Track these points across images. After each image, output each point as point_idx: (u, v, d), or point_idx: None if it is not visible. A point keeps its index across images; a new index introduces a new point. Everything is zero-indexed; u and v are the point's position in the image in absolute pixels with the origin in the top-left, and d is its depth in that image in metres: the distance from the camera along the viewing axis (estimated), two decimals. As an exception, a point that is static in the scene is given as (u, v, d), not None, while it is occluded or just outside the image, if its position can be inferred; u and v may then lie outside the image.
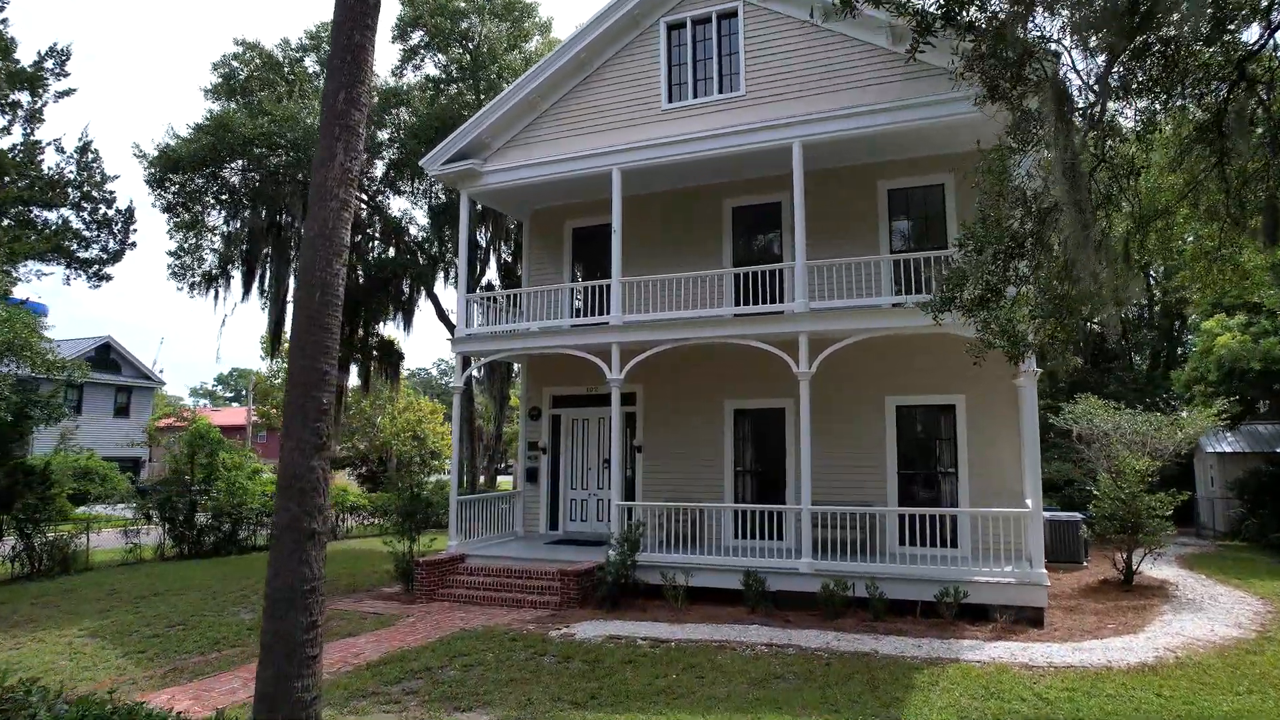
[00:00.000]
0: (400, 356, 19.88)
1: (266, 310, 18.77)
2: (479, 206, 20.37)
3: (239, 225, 17.88)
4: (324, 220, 5.03)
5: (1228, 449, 19.99)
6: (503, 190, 14.30)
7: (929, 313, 6.96)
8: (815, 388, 12.95)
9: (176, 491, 18.00)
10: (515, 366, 17.39)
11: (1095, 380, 24.13)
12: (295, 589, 4.83)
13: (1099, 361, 27.07)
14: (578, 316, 13.40)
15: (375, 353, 18.81)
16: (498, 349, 13.44)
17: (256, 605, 11.85)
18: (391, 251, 18.48)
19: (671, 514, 12.44)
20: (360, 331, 18.74)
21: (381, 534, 13.24)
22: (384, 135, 18.86)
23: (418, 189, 19.06)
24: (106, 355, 38.21)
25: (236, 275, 18.49)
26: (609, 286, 12.88)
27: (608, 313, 12.76)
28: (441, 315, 20.25)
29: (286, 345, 18.91)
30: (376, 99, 17.98)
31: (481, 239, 20.04)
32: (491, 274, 20.72)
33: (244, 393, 43.61)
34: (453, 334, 13.79)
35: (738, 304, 12.67)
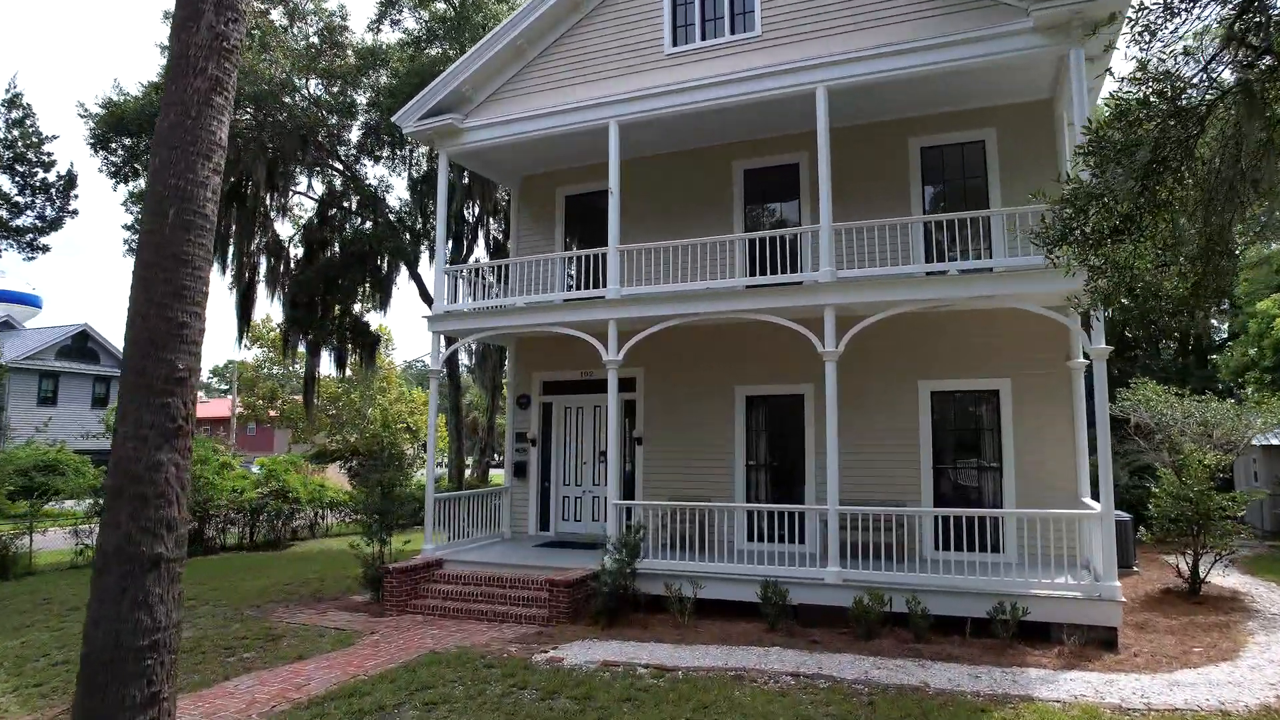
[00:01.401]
0: (376, 339, 18.25)
1: (234, 290, 17.24)
2: (465, 177, 18.82)
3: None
4: (183, 105, 3.53)
5: (1275, 441, 18.48)
6: (487, 150, 12.72)
7: (1041, 248, 5.43)
8: (839, 372, 11.45)
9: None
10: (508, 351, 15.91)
11: (1120, 369, 22.59)
12: (125, 646, 3.32)
13: (1123, 350, 25.50)
14: (571, 290, 11.85)
15: (349, 334, 17.26)
16: (480, 328, 11.90)
17: (206, 616, 10.36)
18: (369, 226, 16.95)
19: (675, 515, 10.93)
20: (336, 310, 17.14)
21: (364, 532, 11.79)
22: (361, 99, 17.27)
23: (397, 156, 17.49)
24: (84, 344, 36.69)
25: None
26: (605, 256, 11.34)
27: (604, 286, 11.22)
28: (426, 297, 18.66)
29: (271, 329, 17.32)
30: (351, 56, 16.44)
31: (469, 214, 18.50)
32: (481, 254, 19.19)
33: (254, 385, 42.31)
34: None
35: (751, 274, 11.11)
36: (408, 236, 18.59)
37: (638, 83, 11.31)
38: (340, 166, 17.10)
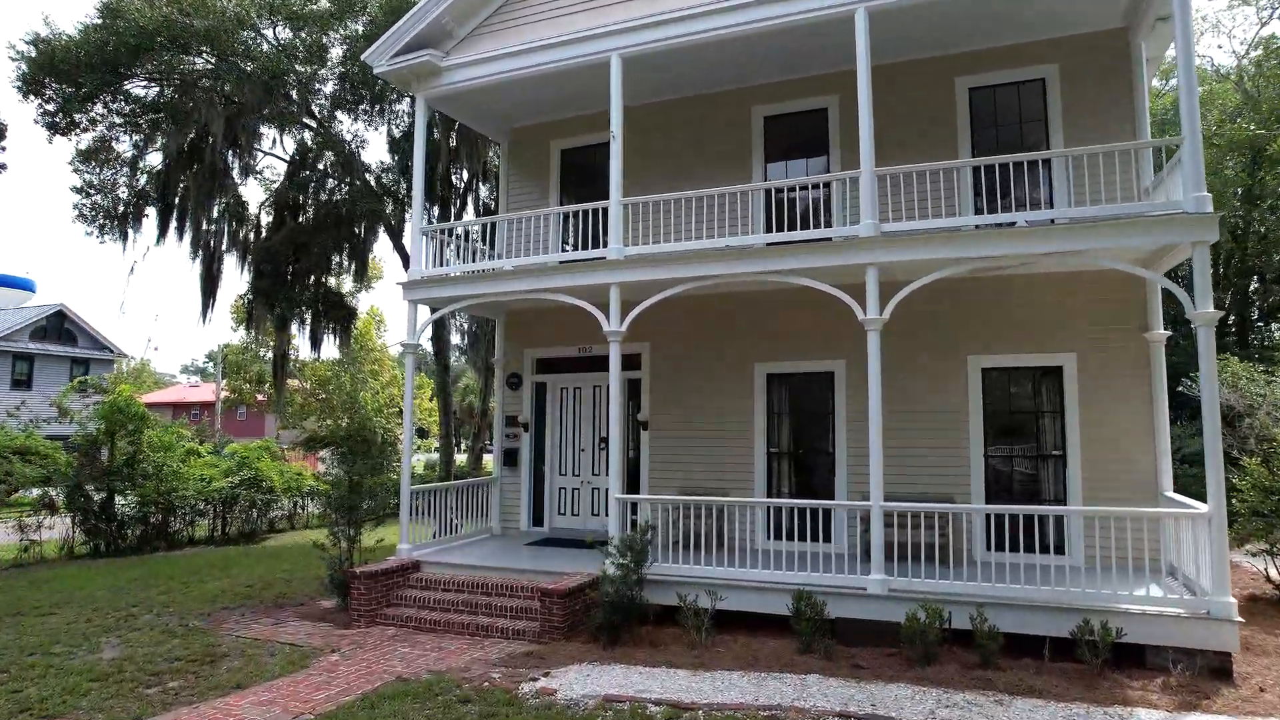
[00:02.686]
0: (351, 312, 16.63)
1: (198, 260, 15.61)
2: (453, 139, 17.18)
3: (160, 151, 14.65)
4: None
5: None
6: (471, 93, 11.10)
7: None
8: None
9: (89, 476, 15.02)
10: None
11: (1186, 341, 20.88)
12: None
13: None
14: (567, 251, 10.28)
15: (320, 307, 15.68)
16: (463, 295, 10.36)
17: (143, 629, 8.90)
18: (346, 191, 15.32)
19: (686, 511, 9.46)
20: (309, 280, 15.50)
21: (329, 530, 10.36)
22: (337, 51, 15.58)
23: (375, 112, 15.82)
24: (60, 324, 35.15)
25: (153, 214, 15.30)
26: (605, 211, 9.79)
27: (604, 246, 9.68)
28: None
29: (238, 305, 15.78)
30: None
31: (458, 179, 16.87)
32: (473, 228, 17.47)
33: (241, 369, 40.75)
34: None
35: (773, 230, 9.54)
36: (390, 205, 17.01)
37: (645, 8, 9.69)
38: (313, 124, 15.45)
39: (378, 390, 39.57)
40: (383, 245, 16.54)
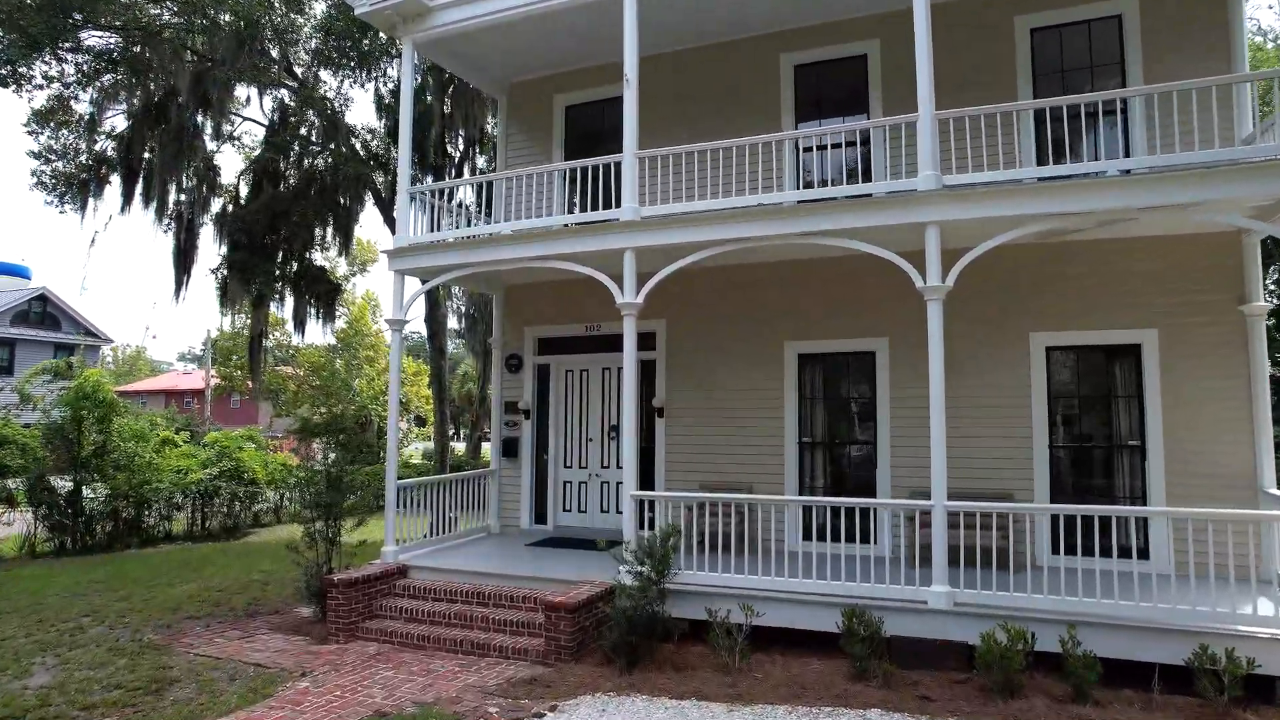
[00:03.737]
0: (335, 288, 15.29)
1: (170, 231, 14.33)
2: (448, 104, 15.86)
3: (124, 112, 13.35)
4: None
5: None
6: (463, 38, 9.84)
7: None
8: (919, 322, 8.85)
9: (54, 468, 13.84)
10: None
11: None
12: None
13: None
14: (573, 212, 9.03)
15: (301, 282, 14.36)
16: (455, 264, 9.13)
17: (90, 646, 7.73)
18: (330, 158, 13.96)
19: (705, 509, 8.27)
20: (289, 252, 14.13)
21: (304, 532, 9.18)
22: (320, 7, 14.25)
23: (362, 74, 14.44)
24: (43, 308, 33.91)
25: (117, 180, 13.97)
26: (618, 166, 8.56)
27: (617, 206, 8.45)
28: None
29: (216, 280, 14.47)
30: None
31: (453, 147, 15.58)
32: (468, 195, 16.19)
33: (232, 355, 39.29)
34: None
35: (807, 186, 8.30)
36: (381, 177, 15.72)
37: (663, -68, 8.41)
38: (294, 83, 14.11)
39: (373, 377, 38.37)
40: (373, 223, 15.17)
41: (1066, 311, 8.61)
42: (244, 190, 14.53)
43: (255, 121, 14.57)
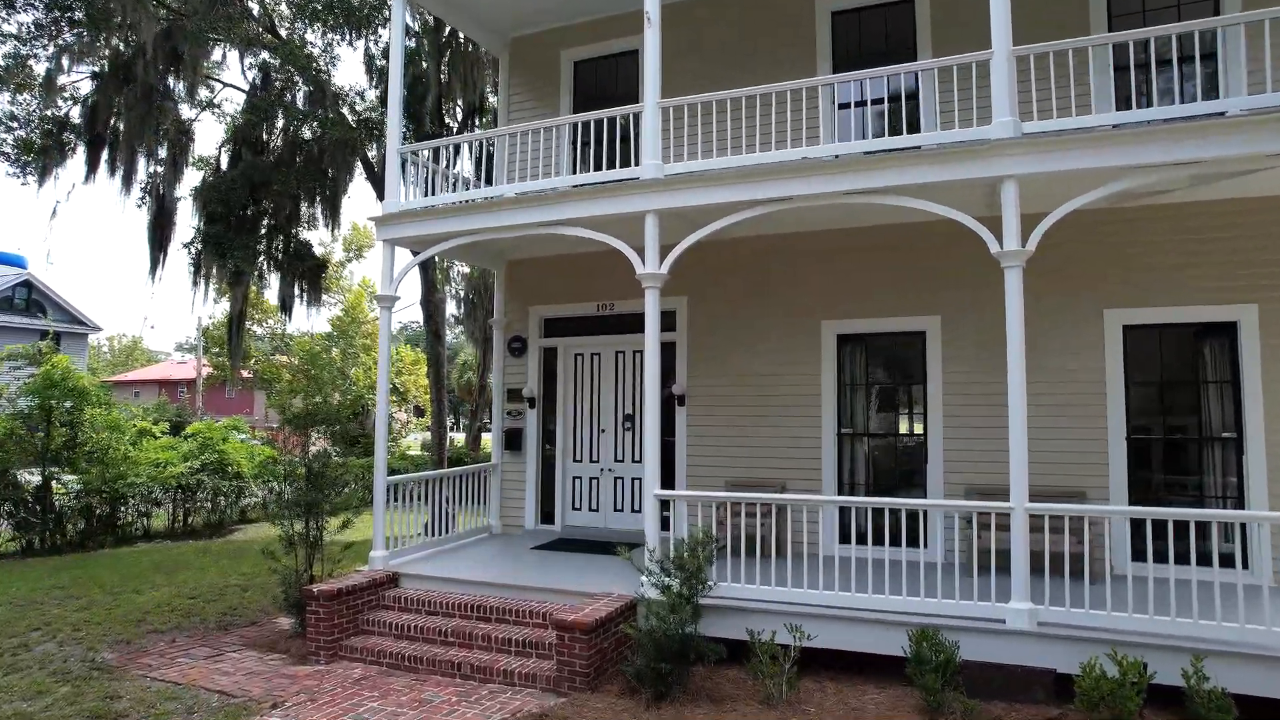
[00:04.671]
0: (320, 265, 14.16)
1: (146, 206, 13.22)
2: (445, 70, 14.73)
3: (90, 74, 12.22)
4: None
5: None
6: (460, -21, 8.76)
7: None
8: (973, 299, 7.89)
9: (19, 461, 12.82)
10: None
11: None
12: None
13: None
14: (583, 171, 7.94)
15: (281, 258, 13.24)
16: (452, 233, 8.06)
17: (33, 668, 6.73)
18: (317, 124, 12.82)
19: (732, 508, 7.24)
20: (273, 223, 12.94)
21: (281, 536, 8.11)
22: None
23: (352, 33, 13.27)
24: (27, 295, 32.81)
25: (83, 148, 12.86)
26: (636, 121, 7.50)
27: (636, 164, 7.38)
28: None
29: (190, 255, 13.36)
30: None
31: (450, 117, 14.44)
32: (468, 166, 15.07)
33: (224, 343, 38.15)
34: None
35: (845, 139, 7.22)
36: (374, 150, 14.62)
37: None
38: (278, 43, 12.94)
39: (370, 366, 37.39)
40: (367, 203, 13.85)
41: (1147, 286, 7.56)
42: (225, 163, 13.43)
43: (235, 88, 13.51)
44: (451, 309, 24.66)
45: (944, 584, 6.11)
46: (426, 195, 8.40)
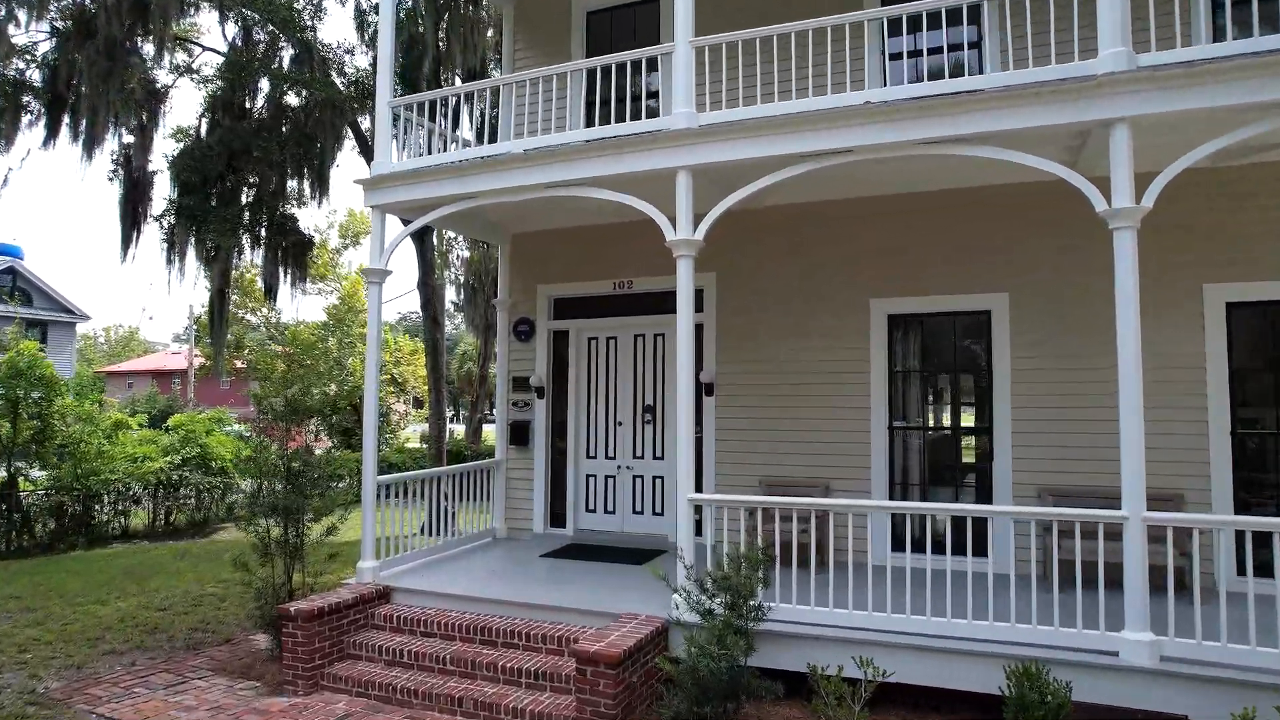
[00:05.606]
0: (306, 241, 12.99)
1: (118, 178, 12.14)
2: (443, 34, 13.63)
3: (49, 34, 11.14)
4: None
5: None
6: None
7: None
8: (1050, 270, 6.91)
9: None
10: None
11: None
12: None
13: None
14: (599, 125, 6.88)
15: (263, 233, 12.13)
16: (449, 196, 7.02)
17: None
18: (302, 89, 11.67)
19: (769, 514, 6.24)
20: (258, 197, 11.76)
21: (255, 544, 7.12)
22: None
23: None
24: (13, 283, 31.76)
25: (43, 110, 11.80)
26: (667, 60, 6.46)
27: (667, 113, 6.35)
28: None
29: (162, 229, 12.19)
30: None
31: (452, 75, 13.23)
32: (468, 139, 13.94)
33: (214, 329, 37.01)
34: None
35: (894, 82, 6.17)
36: (366, 120, 13.58)
37: None
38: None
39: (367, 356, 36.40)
40: (359, 176, 12.76)
41: (1255, 258, 6.54)
42: (204, 132, 12.33)
43: (216, 51, 12.39)
44: (451, 296, 23.59)
45: (1037, 606, 5.12)
46: (422, 156, 7.36)
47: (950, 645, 5.04)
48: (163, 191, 12.22)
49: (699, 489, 7.64)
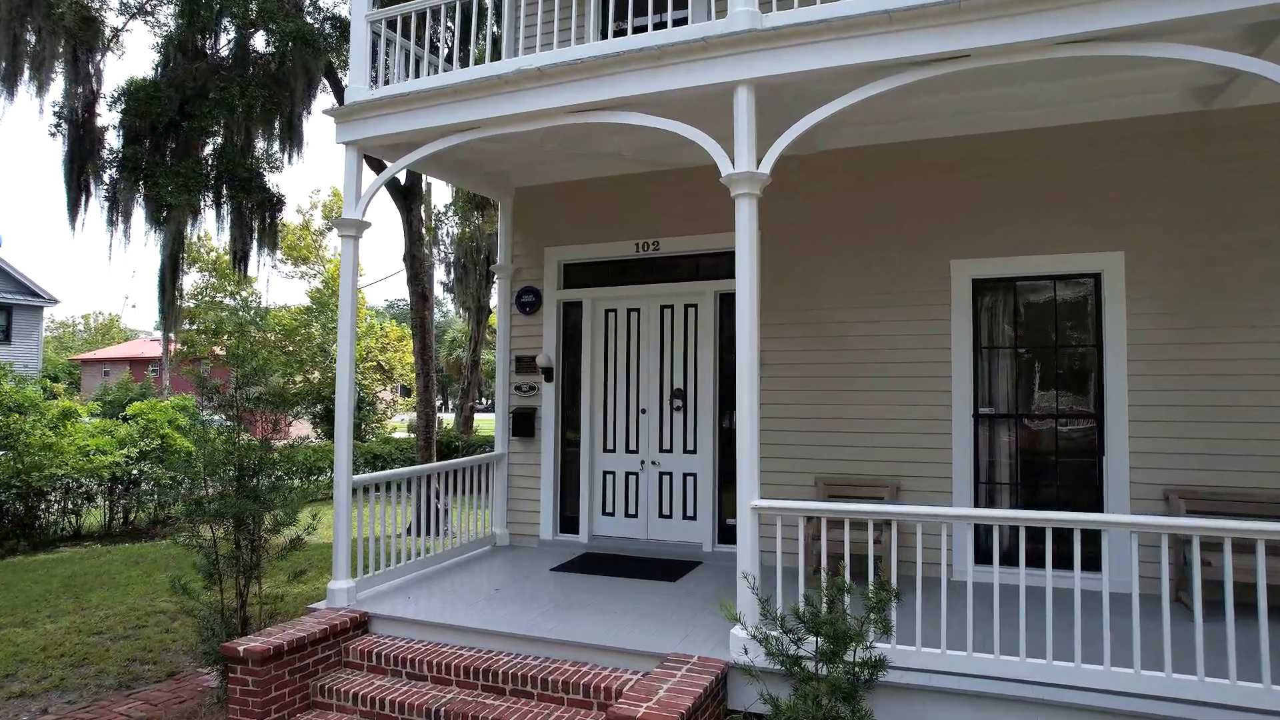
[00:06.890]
0: (276, 201, 11.37)
1: (61, 137, 10.62)
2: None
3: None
4: None
5: None
6: None
7: None
8: (1180, 223, 5.66)
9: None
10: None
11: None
12: None
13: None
14: (618, 37, 5.46)
15: (225, 190, 10.52)
16: (437, 128, 5.64)
17: None
18: (271, 24, 10.00)
19: (845, 526, 4.95)
20: (221, 148, 10.11)
21: (200, 565, 5.83)
22: None
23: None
24: (-27, 265, 29.99)
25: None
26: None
27: (708, 18, 5.00)
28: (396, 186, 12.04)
29: (105, 187, 10.56)
30: None
31: (445, 40, 11.77)
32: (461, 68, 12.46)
33: (196, 316, 34.93)
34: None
35: None
36: (347, 77, 12.03)
37: None
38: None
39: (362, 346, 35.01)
40: (315, 92, 10.89)
41: None
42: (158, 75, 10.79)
43: (170, -1, 10.84)
44: (440, 276, 22.11)
45: (1105, 614, 3.85)
46: (407, 81, 5.97)
47: (1093, 704, 3.76)
48: (115, 147, 10.72)
49: (725, 488, 6.36)
